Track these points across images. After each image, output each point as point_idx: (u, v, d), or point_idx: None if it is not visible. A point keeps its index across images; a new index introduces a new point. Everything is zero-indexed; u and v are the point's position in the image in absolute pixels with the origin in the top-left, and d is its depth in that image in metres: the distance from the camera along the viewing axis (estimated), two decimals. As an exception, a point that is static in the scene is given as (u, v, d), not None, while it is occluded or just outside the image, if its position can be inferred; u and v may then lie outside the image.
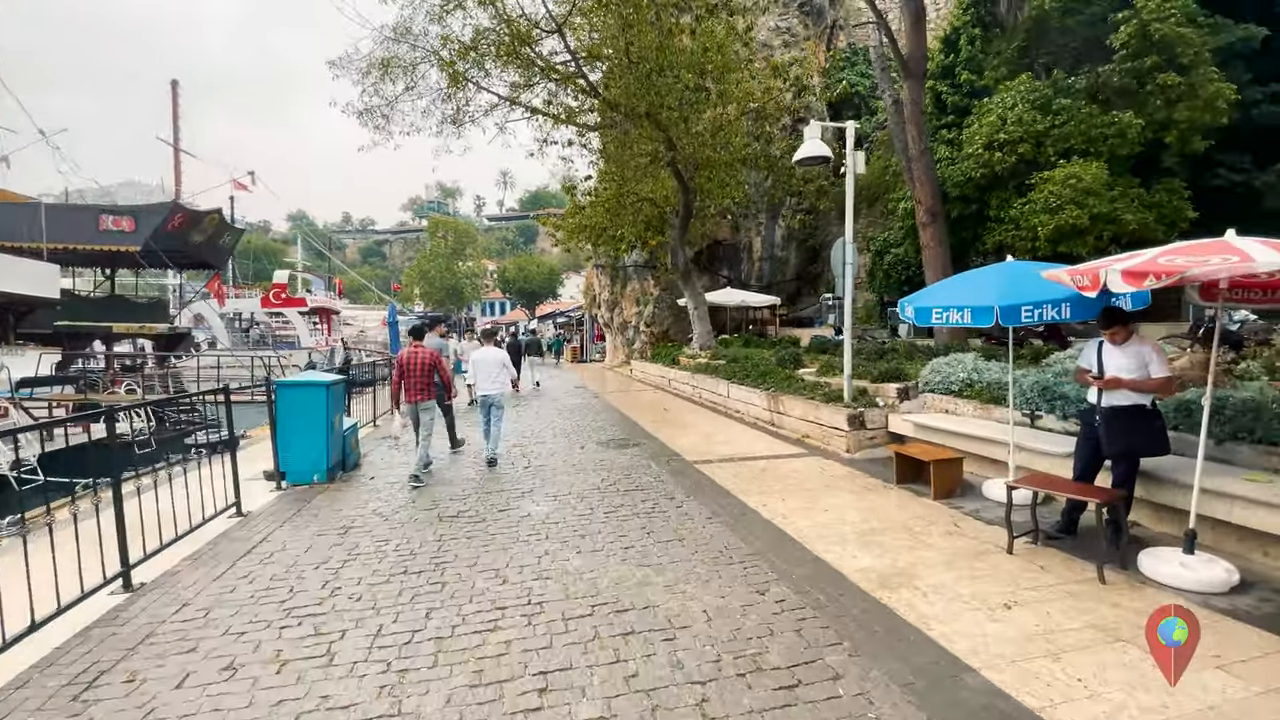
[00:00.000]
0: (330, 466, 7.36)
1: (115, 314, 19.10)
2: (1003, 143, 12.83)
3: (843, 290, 8.68)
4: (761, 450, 8.38)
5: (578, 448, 8.91)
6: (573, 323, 43.91)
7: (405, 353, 7.60)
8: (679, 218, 18.24)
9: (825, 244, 26.20)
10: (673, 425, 10.66)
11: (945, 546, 4.76)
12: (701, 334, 18.24)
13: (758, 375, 11.37)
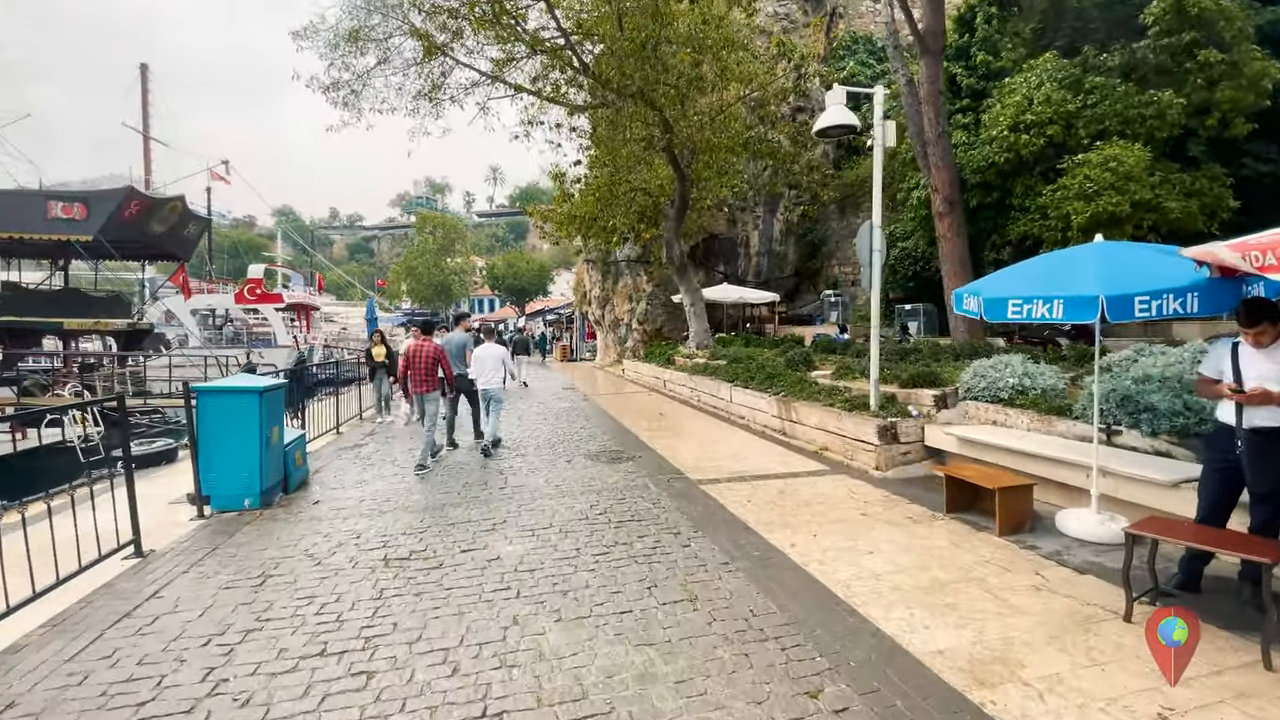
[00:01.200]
0: (266, 488, 6.15)
1: (67, 309, 17.68)
2: (1030, 124, 11.78)
3: (869, 281, 7.56)
4: (775, 466, 7.24)
5: (563, 461, 7.74)
6: (562, 320, 42.66)
7: (412, 346, 7.91)
8: (674, 208, 17.08)
9: (825, 238, 25.18)
10: (671, 433, 9.51)
11: (1038, 610, 3.64)
12: (698, 332, 17.10)
13: (764, 378, 10.24)
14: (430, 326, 8.30)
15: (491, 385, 8.56)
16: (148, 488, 7.25)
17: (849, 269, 24.16)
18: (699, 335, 17.08)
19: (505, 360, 8.78)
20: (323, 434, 9.75)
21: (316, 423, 9.66)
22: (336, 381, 10.86)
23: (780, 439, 8.75)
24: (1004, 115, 12.12)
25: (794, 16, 25.65)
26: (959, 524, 5.14)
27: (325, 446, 9.07)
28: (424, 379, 7.76)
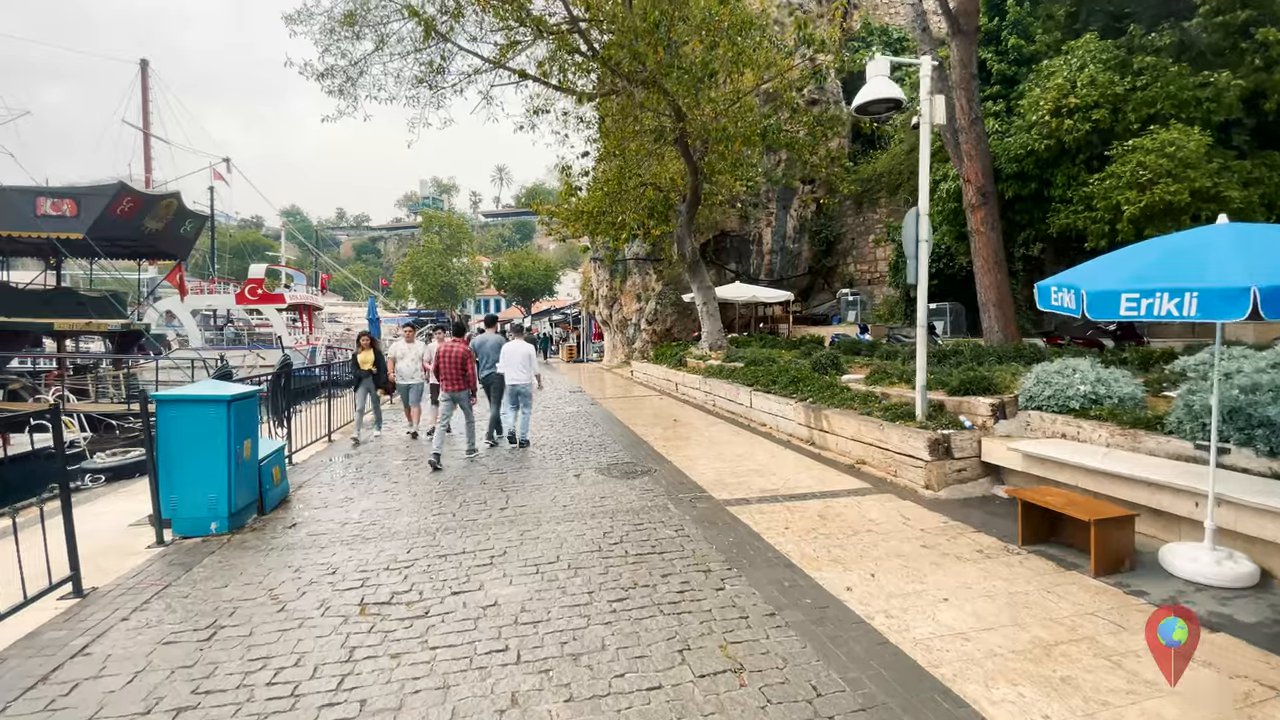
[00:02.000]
0: (236, 510, 5.42)
1: (59, 309, 17.09)
2: (1073, 108, 10.94)
3: (915, 274, 6.77)
4: (809, 482, 6.46)
5: (572, 475, 6.97)
6: (569, 320, 41.96)
7: (442, 347, 8.31)
8: (686, 203, 16.33)
9: (841, 235, 24.34)
10: (687, 442, 8.73)
11: (1183, 688, 2.84)
12: (712, 332, 16.32)
13: (787, 382, 9.45)
14: (462, 329, 9.74)
15: (519, 381, 8.73)
16: (112, 504, 6.58)
17: (865, 267, 23.33)
18: (712, 335, 16.30)
19: (532, 357, 8.89)
20: (314, 441, 9.05)
21: (308, 429, 8.94)
22: (329, 384, 10.15)
23: (809, 450, 7.96)
24: (1045, 99, 11.27)
25: (808, 7, 24.84)
26: (1040, 560, 4.34)
27: (313, 457, 8.35)
28: (454, 378, 8.17)
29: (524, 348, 8.83)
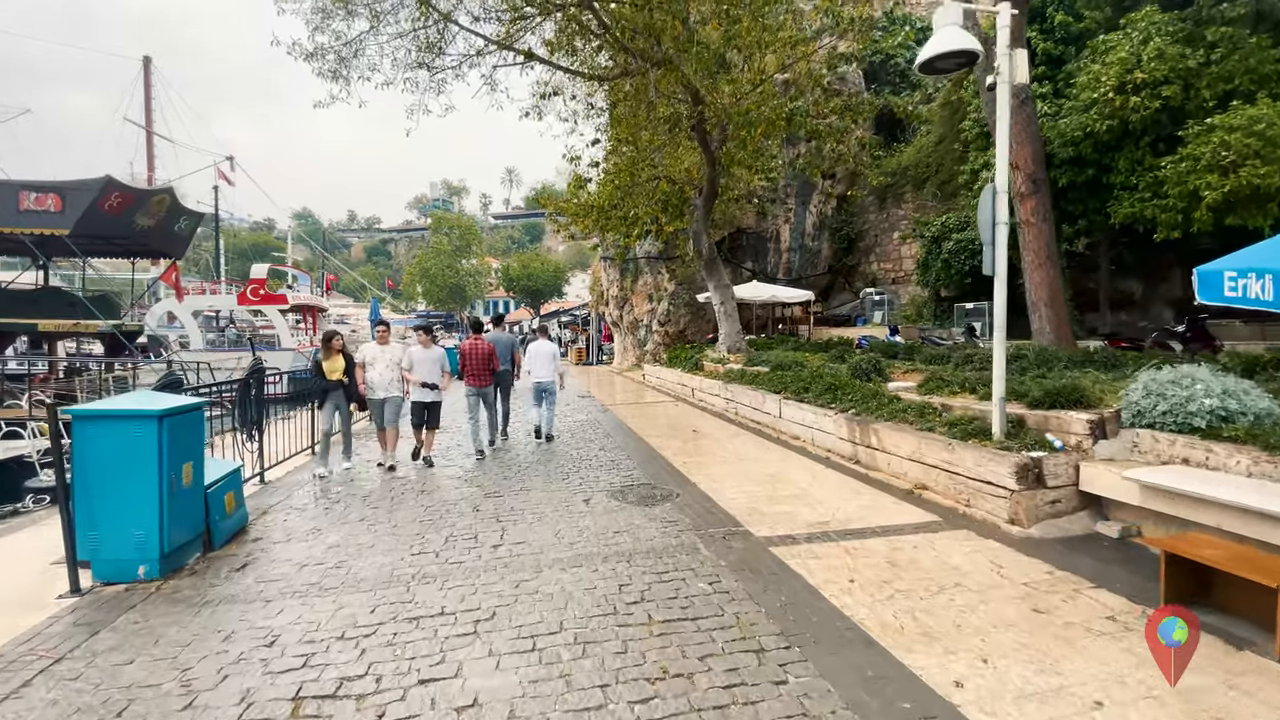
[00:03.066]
0: (172, 549, 4.46)
1: (45, 309, 16.32)
2: (1139, 84, 9.81)
3: (991, 262, 5.70)
4: (863, 513, 5.40)
5: (580, 500, 5.96)
6: (578, 322, 41.01)
7: (467, 344, 8.50)
8: (702, 197, 15.30)
9: (863, 232, 23.20)
10: (710, 458, 7.69)
11: None
12: (730, 334, 15.27)
13: (823, 390, 8.39)
14: (480, 325, 9.25)
15: (545, 379, 9.19)
16: (38, 537, 5.59)
17: (889, 265, 22.19)
18: (730, 337, 15.25)
19: (557, 356, 9.42)
20: (300, 451, 8.11)
21: (291, 441, 8.00)
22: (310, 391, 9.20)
23: (854, 470, 6.90)
24: (1107, 74, 10.14)
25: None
26: (1205, 635, 3.27)
27: (294, 473, 7.40)
28: (481, 373, 8.36)
29: (549, 347, 9.40)
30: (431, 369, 7.62)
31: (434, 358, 7.68)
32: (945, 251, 16.79)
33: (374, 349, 7.61)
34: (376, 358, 7.53)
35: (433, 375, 7.61)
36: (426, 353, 7.69)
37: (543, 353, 9.24)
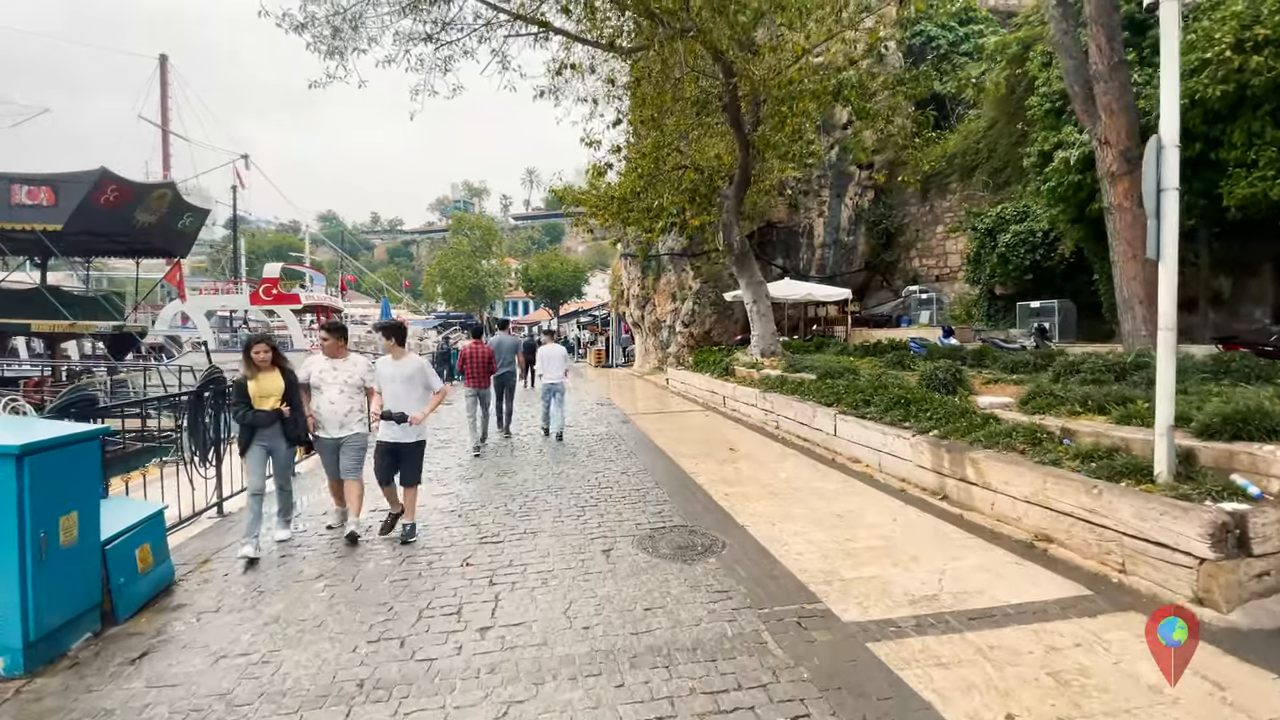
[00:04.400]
0: (47, 631, 3.25)
1: (40, 309, 15.54)
2: (1261, 41, 8.24)
3: (1156, 242, 4.25)
4: (979, 579, 4.00)
5: (599, 551, 4.65)
6: (597, 322, 39.81)
7: (468, 348, 8.82)
8: (733, 185, 13.94)
9: (903, 226, 21.57)
10: (756, 486, 6.34)
11: None
12: (764, 335, 13.88)
13: (890, 404, 6.98)
14: (480, 330, 9.85)
15: (555, 380, 9.52)
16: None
17: (932, 261, 20.57)
18: (764, 339, 13.86)
19: (566, 358, 9.91)
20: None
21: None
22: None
23: (942, 508, 5.49)
24: (1222, 31, 8.58)
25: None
26: None
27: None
28: (481, 375, 8.76)
29: (558, 350, 9.90)
30: (404, 390, 5.05)
31: (407, 373, 5.09)
32: (1001, 245, 15.21)
33: (320, 363, 5.12)
34: (325, 378, 4.99)
35: (406, 399, 5.02)
36: (397, 366, 5.11)
37: (553, 355, 9.71)
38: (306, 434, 5.04)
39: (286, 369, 4.89)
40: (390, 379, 5.09)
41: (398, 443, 5.03)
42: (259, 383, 4.73)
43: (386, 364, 5.17)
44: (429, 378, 5.27)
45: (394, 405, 4.99)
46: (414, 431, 5.06)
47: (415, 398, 5.11)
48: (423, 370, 5.23)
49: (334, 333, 5.12)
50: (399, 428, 4.96)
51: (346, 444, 5.05)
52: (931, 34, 22.39)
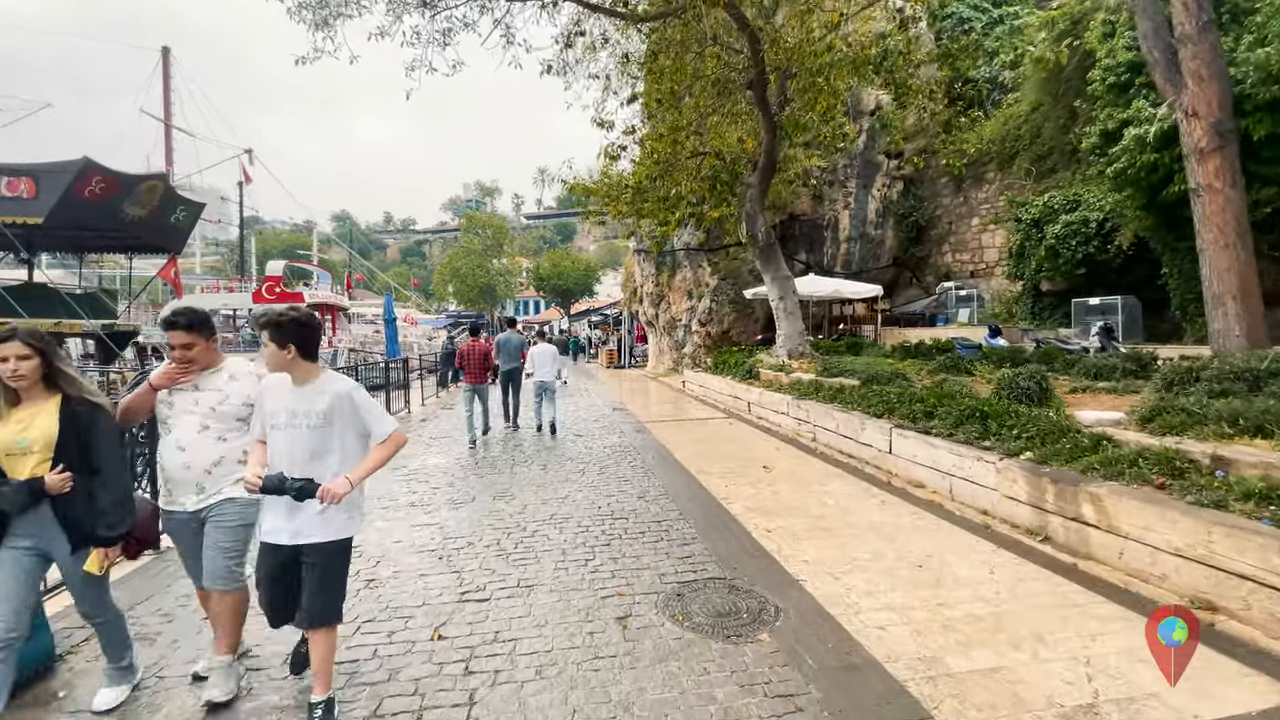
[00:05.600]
0: None
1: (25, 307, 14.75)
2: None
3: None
4: (1141, 675, 2.85)
5: (611, 619, 3.54)
6: (609, 322, 38.76)
7: (465, 346, 9.50)
8: (757, 172, 12.80)
9: (934, 219, 20.26)
10: (805, 519, 5.21)
11: None
12: (791, 335, 12.73)
13: (961, 417, 5.82)
14: (477, 329, 10.21)
15: (547, 378, 9.88)
16: None
17: (966, 256, 19.28)
18: (792, 339, 12.70)
19: (556, 356, 10.17)
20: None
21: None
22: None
23: (1044, 552, 4.33)
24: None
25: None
26: None
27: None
28: (477, 372, 9.26)
29: (549, 349, 10.23)
30: (310, 441, 2.64)
31: (318, 409, 2.63)
32: (1050, 237, 13.94)
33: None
34: (175, 407, 2.85)
35: (314, 457, 2.64)
36: (296, 395, 2.67)
37: (543, 354, 10.06)
38: (115, 524, 2.59)
39: (75, 395, 2.58)
40: (281, 421, 2.62)
41: (297, 545, 2.59)
42: (6, 425, 2.49)
43: (276, 390, 2.68)
44: (366, 416, 2.69)
45: (290, 466, 2.55)
46: (332, 519, 2.60)
47: (333, 454, 2.65)
48: (349, 401, 2.65)
49: (185, 329, 2.77)
50: (299, 511, 2.58)
51: (214, 521, 2.81)
52: (964, 15, 21.06)
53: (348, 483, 2.53)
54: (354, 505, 2.73)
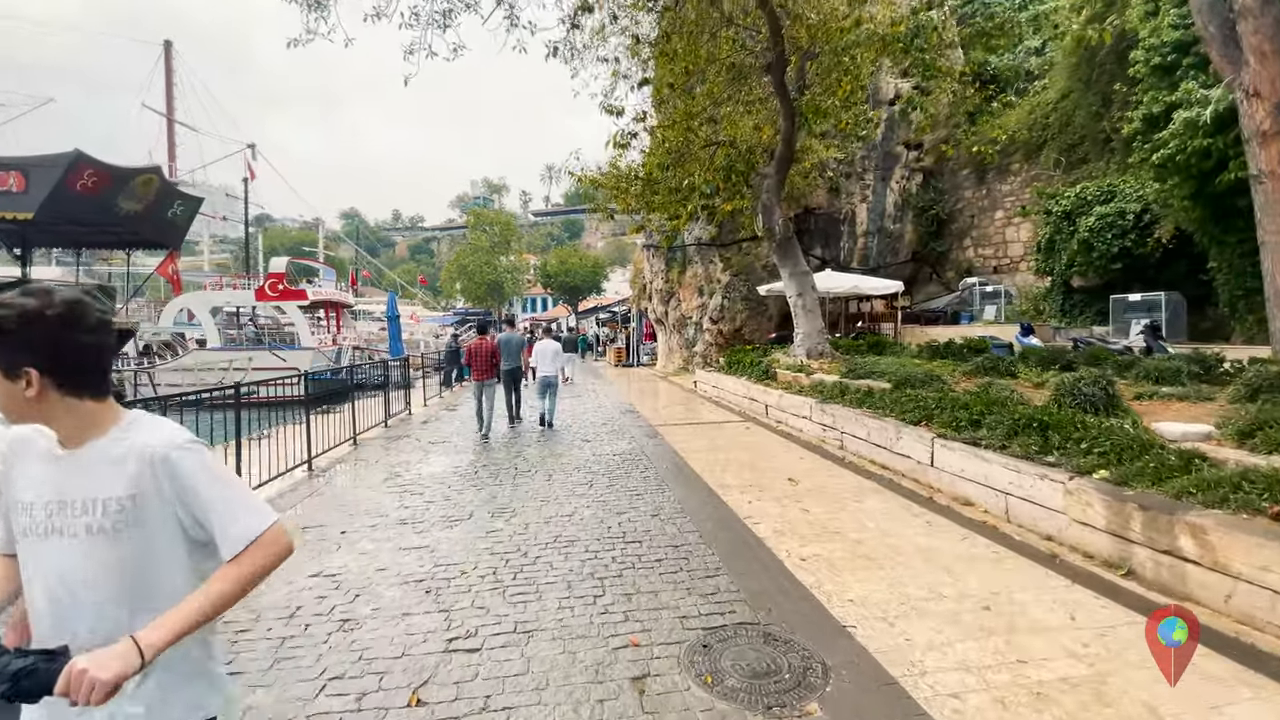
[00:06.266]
0: None
1: (15, 304, 14.28)
2: None
3: None
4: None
5: (626, 680, 2.94)
6: (617, 319, 38.16)
7: (473, 343, 9.79)
8: (774, 161, 12.17)
9: (955, 213, 19.52)
10: (842, 545, 4.59)
11: None
12: (810, 333, 12.10)
13: (1016, 428, 5.18)
14: (485, 328, 10.42)
15: (549, 374, 10.18)
16: None
17: (989, 251, 18.54)
18: (811, 338, 12.07)
19: (559, 353, 10.48)
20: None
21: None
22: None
23: (1130, 590, 3.70)
24: None
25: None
26: None
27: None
28: (485, 369, 9.57)
29: (552, 345, 10.62)
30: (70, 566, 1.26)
31: (113, 492, 1.26)
32: (1083, 230, 13.20)
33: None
34: None
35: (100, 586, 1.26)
36: (65, 458, 1.29)
37: (546, 350, 10.41)
38: None
39: None
40: (37, 520, 1.28)
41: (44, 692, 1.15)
42: None
43: (29, 457, 1.33)
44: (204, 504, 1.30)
45: (51, 614, 1.28)
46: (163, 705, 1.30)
47: (142, 587, 1.29)
48: (171, 476, 1.29)
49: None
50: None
51: None
52: (990, 1, 20.25)
53: (133, 653, 1.15)
54: (194, 674, 1.36)
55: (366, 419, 10.19)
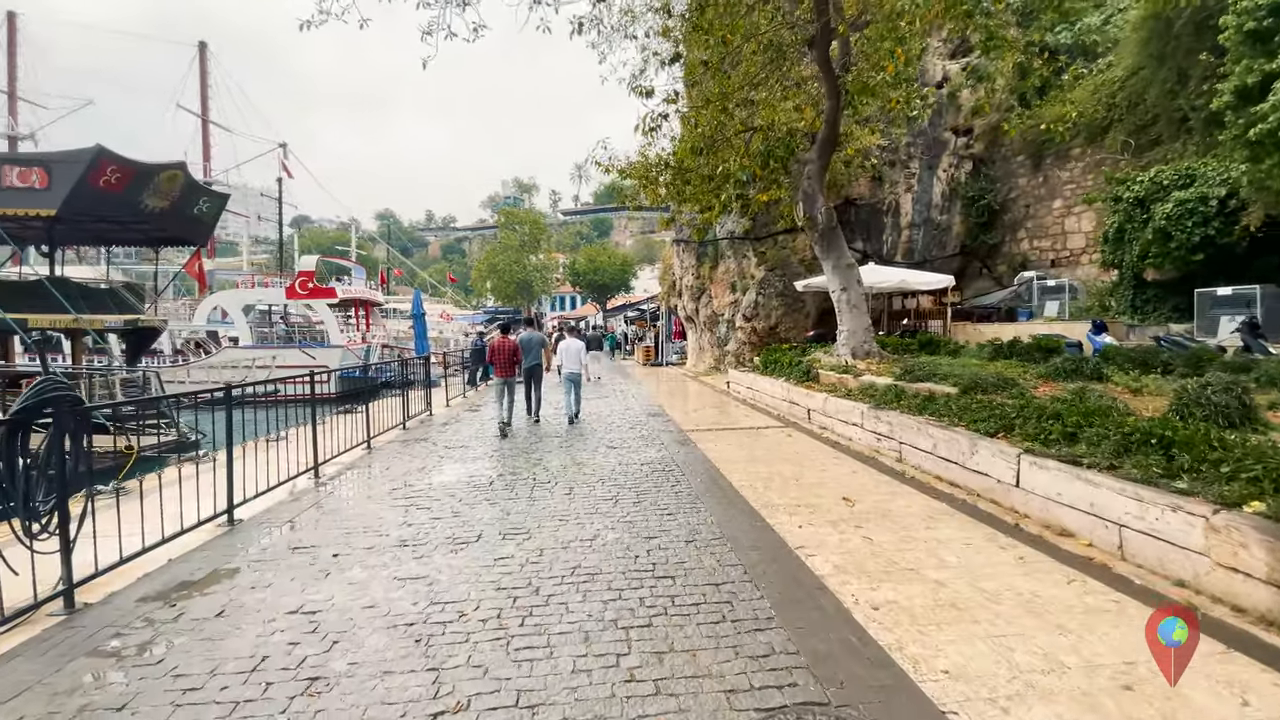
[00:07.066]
0: None
1: (41, 303, 14.28)
2: None
3: None
4: None
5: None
6: (645, 317, 37.43)
7: (495, 341, 10.10)
8: (817, 144, 11.28)
9: (1008, 203, 18.22)
10: (921, 588, 3.77)
11: None
12: (855, 331, 11.19)
13: (1128, 444, 4.27)
14: (508, 328, 11.11)
15: (573, 370, 10.72)
16: None
17: (1046, 244, 17.25)
18: (856, 336, 11.15)
19: (583, 351, 11.04)
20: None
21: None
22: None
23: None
24: None
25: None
26: None
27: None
28: (506, 366, 9.91)
29: (577, 343, 10.98)
30: None
31: None
32: (1159, 217, 11.97)
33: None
34: None
35: None
36: None
37: (570, 349, 10.77)
38: None
39: None
40: None
41: None
42: None
43: None
44: None
45: None
46: None
47: None
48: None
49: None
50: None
51: None
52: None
53: None
54: None
55: (384, 420, 9.69)
